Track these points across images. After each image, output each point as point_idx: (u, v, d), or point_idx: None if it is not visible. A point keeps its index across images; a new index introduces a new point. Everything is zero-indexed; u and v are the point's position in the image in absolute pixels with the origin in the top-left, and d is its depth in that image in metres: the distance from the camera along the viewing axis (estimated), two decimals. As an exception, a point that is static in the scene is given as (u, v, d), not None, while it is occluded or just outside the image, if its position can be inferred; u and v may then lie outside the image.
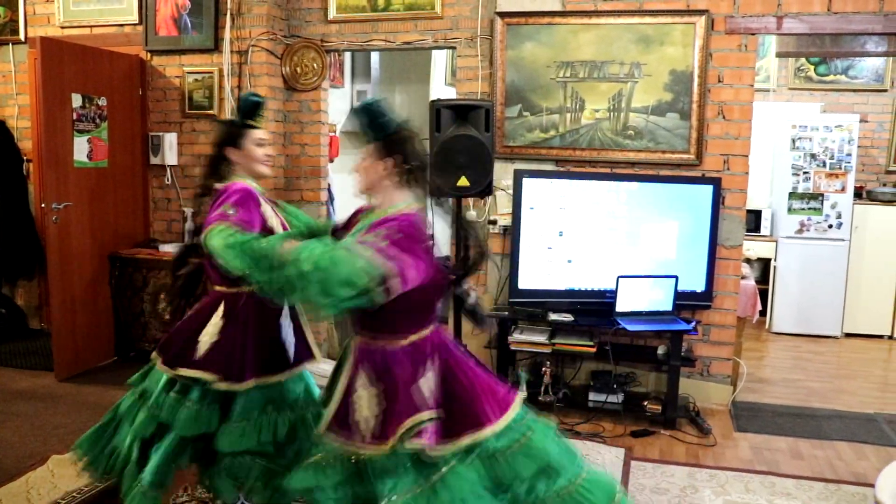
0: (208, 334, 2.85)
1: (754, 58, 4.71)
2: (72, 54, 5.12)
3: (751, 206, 6.17)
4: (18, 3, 6.01)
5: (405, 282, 2.11)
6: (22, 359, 5.58)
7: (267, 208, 2.93)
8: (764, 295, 6.65)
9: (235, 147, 2.96)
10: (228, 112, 5.48)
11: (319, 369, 5.38)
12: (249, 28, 5.39)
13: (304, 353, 3.05)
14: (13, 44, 6.09)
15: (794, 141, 6.74)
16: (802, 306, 6.80)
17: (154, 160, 5.71)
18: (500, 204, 5.15)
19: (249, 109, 3.01)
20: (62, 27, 5.87)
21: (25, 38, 6.02)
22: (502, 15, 4.98)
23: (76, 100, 5.14)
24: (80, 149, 5.20)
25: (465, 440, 2.23)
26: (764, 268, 7.10)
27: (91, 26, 5.82)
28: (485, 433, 2.25)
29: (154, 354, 2.96)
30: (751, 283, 5.33)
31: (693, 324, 4.57)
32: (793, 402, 5.04)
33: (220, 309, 2.88)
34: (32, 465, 3.74)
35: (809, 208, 6.75)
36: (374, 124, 2.35)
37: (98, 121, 5.32)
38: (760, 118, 5.62)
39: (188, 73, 5.59)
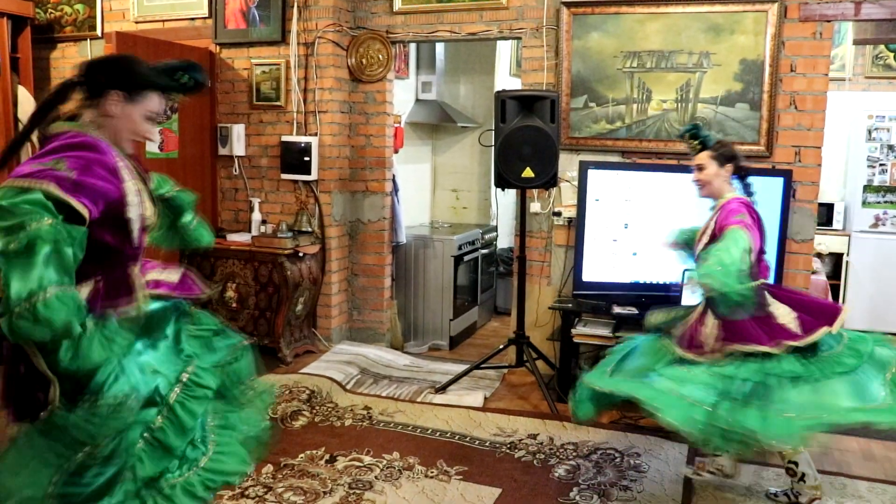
0: None
1: (829, 46, 4.56)
2: (145, 48, 5.26)
3: (823, 199, 5.99)
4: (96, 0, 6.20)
5: None
6: (96, 343, 5.76)
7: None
8: (835, 291, 6.46)
9: None
10: (294, 103, 5.56)
11: (381, 358, 5.44)
12: (316, 20, 5.46)
13: None
14: (91, 39, 6.29)
15: (870, 132, 6.52)
16: (876, 303, 6.58)
17: (222, 151, 5.84)
18: (565, 196, 5.11)
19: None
20: (136, 22, 6.04)
21: (102, 33, 6.21)
22: (568, 4, 4.93)
23: (149, 92, 5.27)
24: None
25: None
26: (836, 263, 6.89)
27: (163, 21, 5.96)
28: None
29: None
30: (822, 278, 5.20)
31: (761, 319, 4.46)
32: (865, 401, 4.88)
33: None
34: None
35: (886, 202, 6.52)
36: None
37: (169, 112, 5.45)
38: (834, 108, 5.45)
39: (256, 65, 5.69)
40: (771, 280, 4.60)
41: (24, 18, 5.87)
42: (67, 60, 6.44)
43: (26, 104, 5.91)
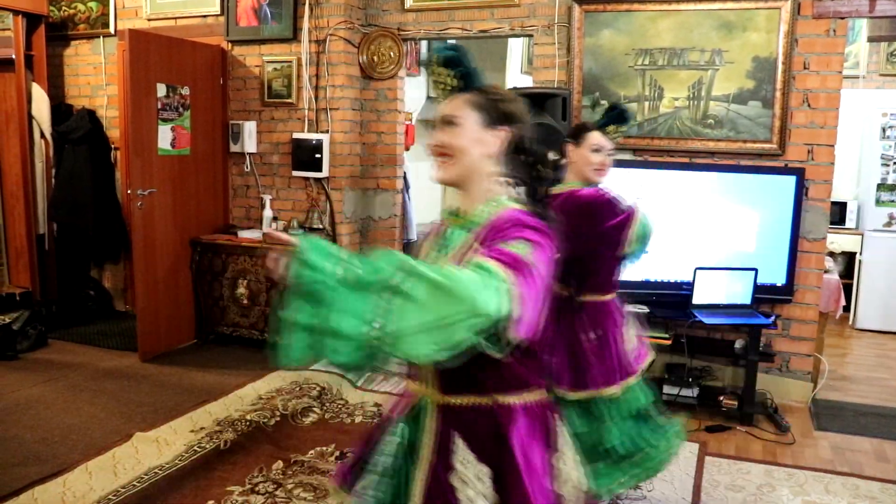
0: None
1: (843, 43, 4.53)
2: (157, 45, 5.28)
3: (835, 197, 5.95)
4: (108, -3, 6.24)
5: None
6: (108, 339, 5.80)
7: None
8: (848, 290, 6.42)
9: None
10: (306, 101, 5.57)
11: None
12: (327, 17, 5.46)
13: None
14: (104, 37, 6.33)
15: (884, 130, 6.47)
16: (889, 302, 6.54)
17: (234, 148, 5.85)
18: (575, 193, 5.09)
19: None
20: (149, 19, 6.06)
21: (115, 30, 6.24)
22: (580, 2, 4.91)
23: (161, 89, 5.30)
24: (164, 137, 5.36)
25: None
26: (848, 262, 6.85)
27: (176, 18, 5.98)
28: None
29: None
30: (834, 277, 5.16)
31: (772, 318, 4.44)
32: (877, 401, 4.86)
33: None
34: (118, 441, 3.89)
35: (899, 200, 6.49)
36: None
37: (181, 110, 5.48)
38: (848, 106, 5.41)
39: (267, 62, 5.70)
40: (782, 280, 4.59)
41: (38, 16, 5.91)
42: (81, 58, 6.48)
43: (40, 101, 5.95)
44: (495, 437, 1.58)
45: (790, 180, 4.50)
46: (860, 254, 6.67)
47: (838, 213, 6.69)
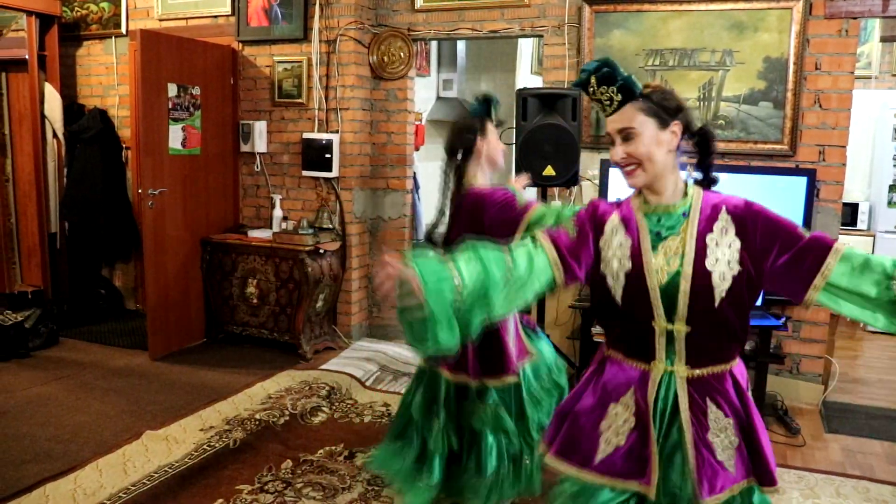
0: None
1: (855, 43, 4.50)
2: (168, 45, 5.30)
3: (847, 199, 5.93)
4: (120, -3, 6.28)
5: None
6: (119, 338, 5.83)
7: None
8: (860, 291, 6.37)
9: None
10: (316, 101, 5.58)
11: (401, 355, 5.44)
12: (338, 18, 5.47)
13: None
14: (116, 37, 6.36)
15: (896, 131, 6.43)
16: (901, 304, 6.49)
17: (244, 148, 5.87)
18: (586, 194, 5.09)
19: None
20: (160, 20, 6.09)
21: (126, 31, 6.27)
22: (590, 2, 4.91)
23: (172, 89, 5.32)
24: (175, 137, 5.38)
25: None
26: (860, 263, 6.81)
27: (187, 18, 6.01)
28: None
29: None
30: (846, 278, 5.12)
31: (783, 319, 4.42)
32: (889, 404, 4.82)
33: None
34: (128, 439, 3.91)
35: (912, 202, 6.45)
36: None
37: (192, 109, 5.50)
38: (860, 107, 5.39)
39: (278, 62, 5.71)
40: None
41: (51, 17, 5.95)
42: (93, 58, 6.52)
43: (52, 101, 5.99)
44: (735, 395, 1.95)
45: (801, 181, 4.48)
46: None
47: (850, 215, 6.65)
